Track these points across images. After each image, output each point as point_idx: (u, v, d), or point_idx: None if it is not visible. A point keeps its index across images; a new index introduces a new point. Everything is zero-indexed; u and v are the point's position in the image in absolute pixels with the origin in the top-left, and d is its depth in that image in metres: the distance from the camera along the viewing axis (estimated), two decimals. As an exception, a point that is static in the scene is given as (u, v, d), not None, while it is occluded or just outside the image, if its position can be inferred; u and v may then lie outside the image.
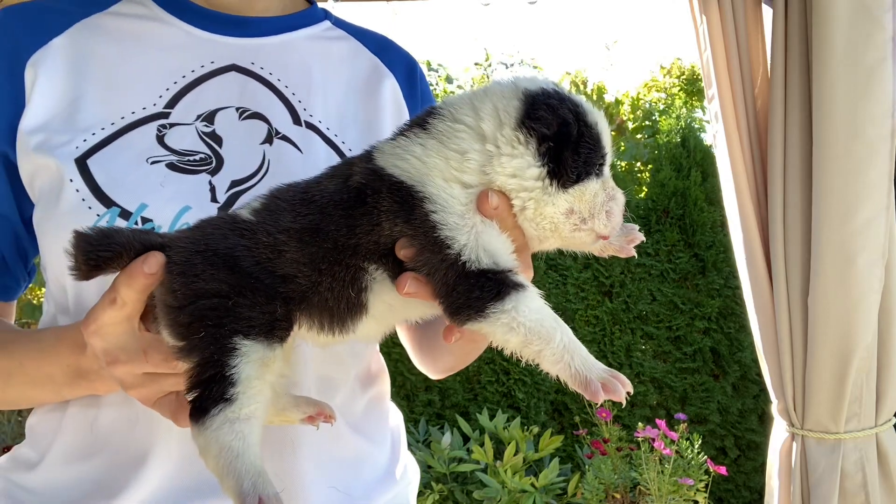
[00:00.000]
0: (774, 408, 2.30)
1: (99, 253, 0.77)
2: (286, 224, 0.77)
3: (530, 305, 0.72)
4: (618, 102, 6.09)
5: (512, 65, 6.39)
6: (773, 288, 2.21)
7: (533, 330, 0.72)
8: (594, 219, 0.80)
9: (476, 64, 6.27)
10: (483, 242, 0.74)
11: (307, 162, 1.04)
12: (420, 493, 3.45)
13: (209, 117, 1.02)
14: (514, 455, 3.41)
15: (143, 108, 1.00)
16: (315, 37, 1.17)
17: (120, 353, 0.79)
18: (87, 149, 0.95)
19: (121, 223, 0.92)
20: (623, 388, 0.70)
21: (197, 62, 1.05)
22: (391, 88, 1.18)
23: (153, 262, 0.75)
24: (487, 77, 6.23)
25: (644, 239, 0.91)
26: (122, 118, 0.98)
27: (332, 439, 1.05)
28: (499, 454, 3.55)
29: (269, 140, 1.03)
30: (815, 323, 2.10)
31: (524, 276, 0.78)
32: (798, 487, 2.20)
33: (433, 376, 1.31)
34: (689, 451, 3.14)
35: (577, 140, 0.77)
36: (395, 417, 1.24)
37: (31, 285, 1.03)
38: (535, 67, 6.45)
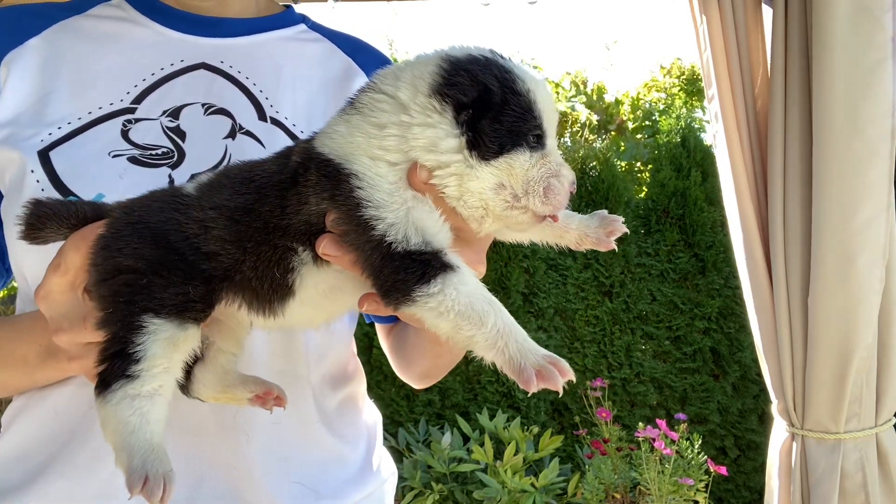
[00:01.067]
0: (774, 408, 2.30)
1: (42, 213, 0.79)
2: (221, 201, 0.77)
3: (460, 288, 0.67)
4: (618, 102, 6.10)
5: (512, 65, 6.39)
6: (773, 288, 2.21)
7: (463, 314, 0.67)
8: (528, 196, 0.74)
9: (476, 64, 6.26)
10: (413, 219, 0.70)
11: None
12: (420, 493, 3.46)
13: (174, 113, 1.04)
14: (514, 455, 3.41)
15: (111, 104, 1.02)
16: (288, 38, 1.19)
17: (63, 320, 0.79)
18: (51, 142, 0.98)
19: None
20: (561, 376, 0.65)
21: (167, 60, 1.08)
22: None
23: (94, 228, 0.78)
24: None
25: (627, 231, 0.87)
26: (90, 113, 1.01)
27: (299, 436, 1.05)
28: (499, 454, 3.55)
29: (231, 135, 1.05)
30: (815, 323, 2.10)
31: (477, 269, 0.75)
32: (798, 487, 2.20)
33: (413, 383, 1.30)
34: (689, 451, 3.14)
35: (499, 107, 0.71)
36: (371, 416, 1.24)
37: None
38: (535, 67, 6.45)
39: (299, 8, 1.33)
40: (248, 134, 1.06)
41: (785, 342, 2.19)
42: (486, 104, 0.71)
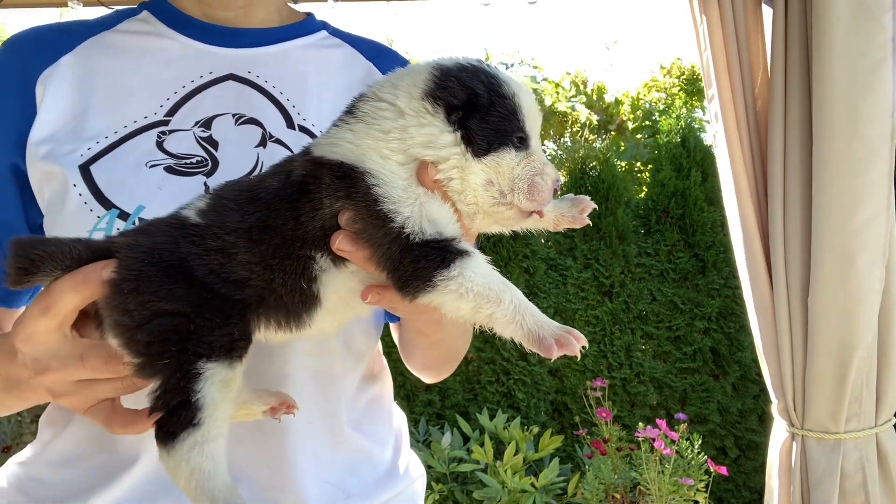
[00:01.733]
0: (774, 408, 2.30)
1: (36, 256, 0.74)
2: (234, 224, 0.76)
3: (476, 270, 0.72)
4: (618, 102, 6.09)
5: (512, 65, 6.39)
6: (773, 288, 2.21)
7: (482, 294, 0.71)
8: (514, 193, 0.79)
9: (476, 64, 6.26)
10: (427, 213, 0.75)
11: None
12: (420, 493, 3.46)
13: (206, 123, 1.06)
14: (514, 455, 3.41)
15: (145, 118, 1.05)
16: (311, 45, 1.21)
17: (51, 360, 0.77)
18: (90, 156, 1.00)
19: (120, 224, 0.95)
20: (578, 342, 0.71)
21: (196, 73, 1.10)
22: None
23: (95, 271, 0.74)
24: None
25: (595, 206, 0.93)
26: (125, 127, 1.04)
27: (331, 436, 1.07)
28: (499, 454, 3.55)
29: (262, 143, 1.07)
30: (815, 323, 2.10)
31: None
32: (798, 487, 2.20)
33: (421, 377, 1.33)
34: (689, 451, 3.14)
35: (486, 108, 0.77)
36: (398, 418, 1.27)
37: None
38: (535, 67, 6.45)
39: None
40: (278, 142, 1.08)
41: (785, 342, 2.19)
42: (475, 106, 0.77)
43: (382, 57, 1.27)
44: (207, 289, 0.74)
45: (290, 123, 1.11)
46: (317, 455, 1.04)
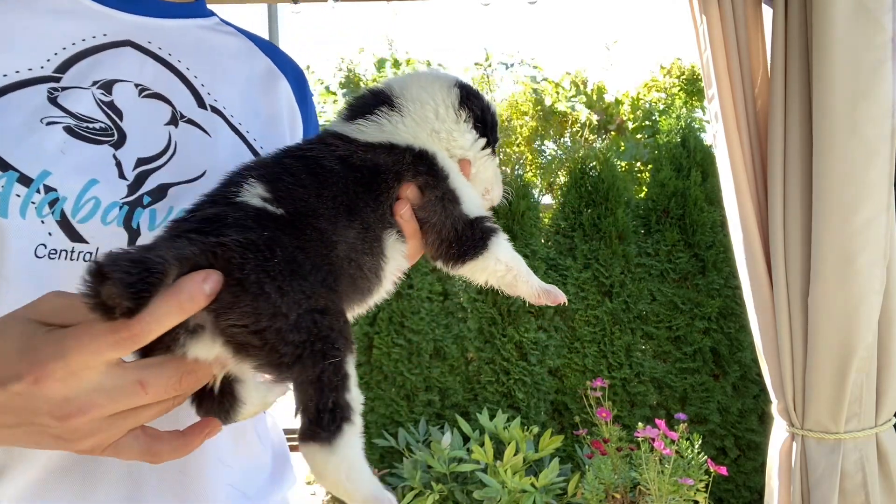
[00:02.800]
0: (774, 408, 2.30)
1: (154, 280, 0.58)
2: (325, 211, 0.74)
3: (505, 242, 0.89)
4: (618, 102, 6.09)
5: (512, 65, 6.39)
6: (773, 288, 2.21)
7: (511, 259, 0.89)
8: (493, 189, 1.00)
9: (476, 64, 6.27)
10: (473, 196, 0.91)
11: (216, 146, 1.00)
12: (420, 493, 3.46)
13: (106, 86, 0.94)
14: (514, 455, 3.41)
15: (29, 69, 0.90)
16: (207, 27, 1.13)
17: (96, 397, 0.61)
18: None
19: (21, 191, 0.81)
20: (560, 297, 0.90)
21: (89, 32, 0.97)
22: (285, 90, 1.17)
23: (215, 281, 0.62)
24: (487, 77, 6.23)
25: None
26: (5, 76, 0.88)
27: (236, 439, 1.00)
28: (499, 454, 3.55)
29: (174, 122, 0.97)
30: (815, 323, 2.10)
31: (414, 259, 0.93)
32: (798, 487, 2.20)
33: None
34: (689, 451, 3.14)
35: (493, 122, 0.97)
36: (270, 418, 1.22)
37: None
38: (535, 67, 6.45)
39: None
40: (191, 122, 0.99)
41: (785, 342, 2.19)
42: (487, 117, 0.96)
43: (278, 55, 1.21)
44: (325, 286, 0.69)
45: (200, 103, 1.02)
46: (221, 458, 0.97)
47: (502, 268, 0.89)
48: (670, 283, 4.32)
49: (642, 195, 4.74)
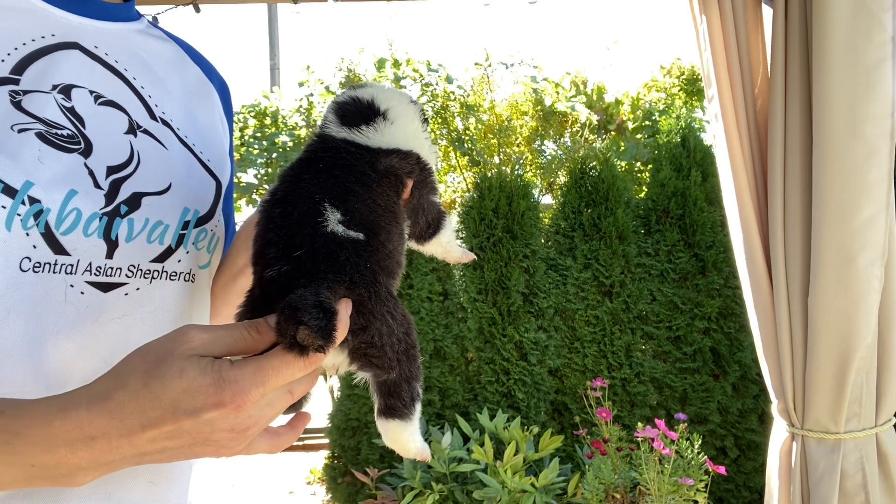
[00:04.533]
0: (774, 408, 2.30)
1: (332, 324, 0.69)
2: (382, 223, 0.86)
3: (451, 219, 1.04)
4: (618, 102, 6.10)
5: (512, 65, 6.39)
6: (773, 288, 2.21)
7: (451, 234, 1.04)
8: None
9: (476, 64, 6.27)
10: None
11: (172, 158, 0.98)
12: (420, 493, 3.46)
13: (65, 91, 0.89)
14: (514, 455, 3.41)
15: None
16: (143, 32, 1.08)
17: (267, 408, 0.68)
18: None
19: (6, 201, 0.77)
20: (469, 254, 1.09)
21: (37, 32, 0.91)
22: (216, 100, 1.14)
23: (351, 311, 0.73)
24: (487, 77, 6.23)
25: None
26: None
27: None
28: (499, 454, 3.55)
29: (132, 131, 0.94)
30: (815, 323, 2.10)
31: None
32: (798, 487, 2.20)
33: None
34: (689, 451, 3.14)
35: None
36: None
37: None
38: (535, 67, 6.45)
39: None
40: (147, 132, 0.96)
41: (785, 342, 2.19)
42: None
43: (205, 64, 1.17)
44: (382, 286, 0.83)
45: (151, 114, 0.99)
46: (191, 465, 0.97)
47: (445, 240, 1.04)
48: (670, 283, 4.32)
49: (642, 195, 4.74)
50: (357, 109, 0.95)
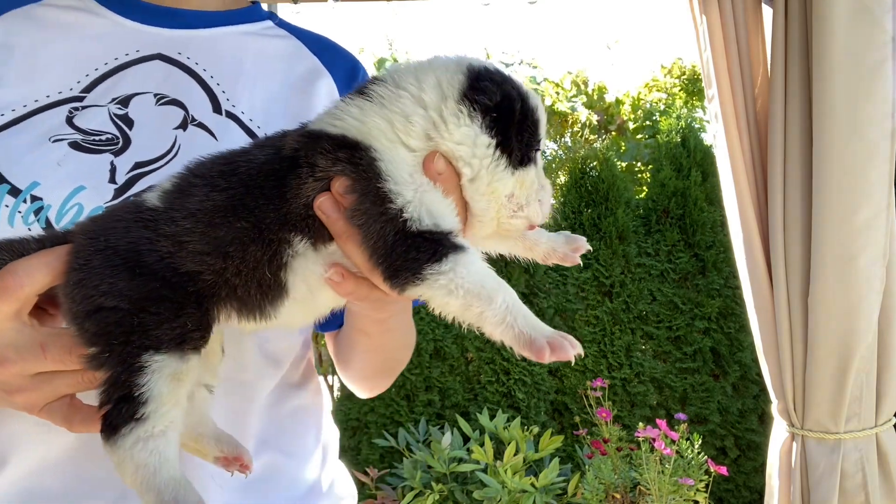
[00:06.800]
0: (774, 408, 2.30)
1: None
2: (194, 207, 0.73)
3: (470, 267, 0.69)
4: (618, 102, 6.09)
5: (512, 65, 6.39)
6: (773, 288, 2.21)
7: (472, 291, 0.68)
8: (529, 206, 0.81)
9: (476, 64, 6.26)
10: (427, 202, 0.72)
11: (220, 148, 1.01)
12: (420, 493, 3.46)
13: (124, 101, 1.00)
14: (514, 455, 3.41)
15: (59, 92, 0.98)
16: (251, 33, 1.16)
17: (9, 351, 0.72)
18: None
19: (9, 201, 0.88)
20: (573, 348, 0.66)
21: (121, 50, 1.04)
22: (327, 87, 1.17)
23: (59, 254, 0.73)
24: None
25: (590, 248, 0.93)
26: (36, 101, 0.97)
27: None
28: (499, 454, 3.55)
29: (183, 126, 1.01)
30: (815, 323, 2.10)
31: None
32: (798, 487, 2.20)
33: (358, 390, 1.25)
34: (689, 451, 3.14)
35: (521, 118, 0.77)
36: (327, 431, 1.18)
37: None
38: (535, 67, 6.45)
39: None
40: (201, 126, 1.02)
41: (785, 342, 2.19)
42: (509, 112, 0.76)
43: (329, 52, 1.21)
44: (158, 278, 0.71)
45: (216, 108, 1.05)
46: (215, 475, 0.94)
47: (458, 300, 0.69)
48: (670, 283, 4.32)
49: (642, 195, 4.74)
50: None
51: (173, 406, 0.70)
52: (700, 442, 3.17)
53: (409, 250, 0.69)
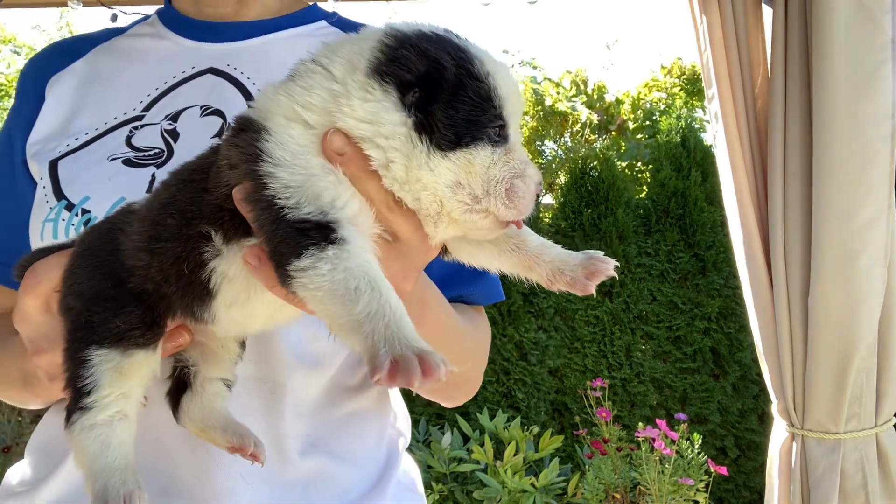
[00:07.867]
0: (774, 408, 2.30)
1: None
2: (148, 204, 0.76)
3: (336, 263, 0.58)
4: (618, 102, 6.09)
5: (512, 65, 6.39)
6: (773, 288, 2.21)
7: (332, 292, 0.57)
8: (489, 197, 0.66)
9: (476, 64, 6.25)
10: (312, 186, 0.62)
11: None
12: (420, 493, 3.46)
13: (174, 116, 1.07)
14: (514, 455, 3.41)
15: (125, 114, 1.08)
16: (302, 35, 1.18)
17: (42, 341, 0.80)
18: (63, 153, 1.04)
19: (65, 215, 0.98)
20: (424, 374, 0.51)
21: (179, 69, 1.12)
22: None
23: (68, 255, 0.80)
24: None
25: (614, 275, 0.75)
26: (105, 123, 1.07)
27: (273, 454, 0.94)
28: (499, 454, 3.55)
29: (220, 134, 1.04)
30: (815, 323, 2.10)
31: (400, 286, 0.65)
32: (798, 487, 2.20)
33: (441, 401, 1.34)
34: (689, 451, 3.14)
35: (453, 89, 0.63)
36: (393, 436, 1.16)
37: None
38: (534, 67, 6.45)
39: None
40: None
41: (785, 342, 2.19)
42: (437, 85, 0.63)
43: None
44: (113, 279, 0.75)
45: None
46: (245, 474, 0.93)
47: (315, 304, 0.58)
48: (670, 283, 4.32)
49: (642, 195, 4.74)
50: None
51: (120, 397, 0.73)
52: (700, 442, 3.17)
53: (281, 242, 0.60)
